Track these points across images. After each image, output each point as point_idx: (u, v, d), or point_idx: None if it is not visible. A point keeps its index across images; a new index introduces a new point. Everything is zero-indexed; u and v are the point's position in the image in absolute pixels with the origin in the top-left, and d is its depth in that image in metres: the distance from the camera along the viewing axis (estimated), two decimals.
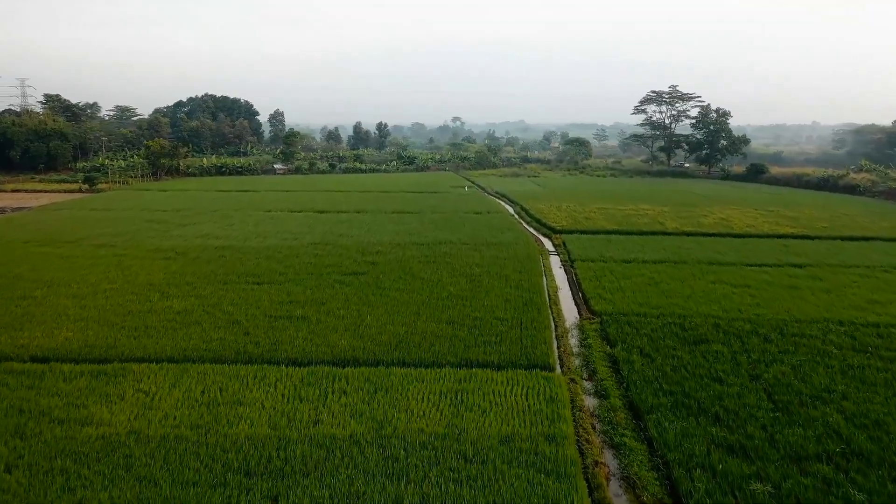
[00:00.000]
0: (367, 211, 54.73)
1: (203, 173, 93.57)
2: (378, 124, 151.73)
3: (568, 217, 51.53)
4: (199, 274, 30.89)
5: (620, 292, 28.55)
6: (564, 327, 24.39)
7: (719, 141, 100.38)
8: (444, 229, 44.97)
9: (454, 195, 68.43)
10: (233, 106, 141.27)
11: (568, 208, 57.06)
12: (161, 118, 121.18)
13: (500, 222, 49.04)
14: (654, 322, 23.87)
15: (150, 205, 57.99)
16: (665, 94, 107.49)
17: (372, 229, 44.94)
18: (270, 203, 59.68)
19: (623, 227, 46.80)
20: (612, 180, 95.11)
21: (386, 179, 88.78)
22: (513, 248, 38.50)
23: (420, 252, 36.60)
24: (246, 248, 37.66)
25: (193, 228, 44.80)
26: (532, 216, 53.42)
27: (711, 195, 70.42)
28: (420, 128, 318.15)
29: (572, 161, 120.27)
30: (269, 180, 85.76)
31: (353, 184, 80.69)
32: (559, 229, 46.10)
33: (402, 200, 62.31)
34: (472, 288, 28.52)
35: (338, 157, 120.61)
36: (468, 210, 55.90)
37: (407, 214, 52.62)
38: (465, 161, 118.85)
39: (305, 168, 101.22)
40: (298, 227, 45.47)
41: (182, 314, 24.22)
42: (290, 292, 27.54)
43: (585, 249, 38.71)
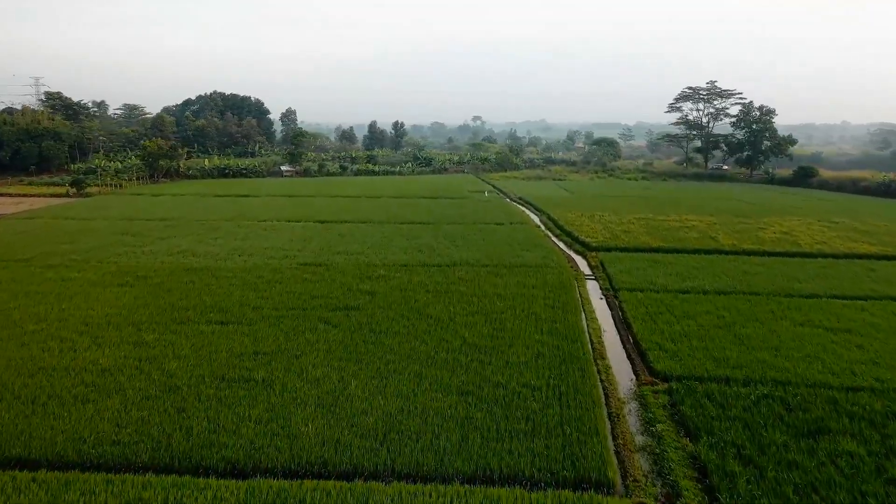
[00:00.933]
0: (373, 221, 48.86)
1: (204, 175, 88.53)
2: (394, 123, 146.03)
3: (603, 230, 45.15)
4: (155, 308, 25.17)
5: (685, 339, 22.25)
6: (619, 398, 18.14)
7: (762, 141, 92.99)
8: (461, 245, 38.92)
9: (473, 202, 62.34)
10: (242, 104, 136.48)
11: (602, 218, 50.67)
12: (166, 116, 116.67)
13: (525, 236, 42.83)
14: (743, 394, 17.55)
15: (134, 212, 52.70)
16: (702, 90, 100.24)
17: (376, 245, 39.05)
18: (268, 211, 54.11)
19: (670, 243, 40.33)
20: (646, 184, 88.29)
21: (399, 183, 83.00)
22: (542, 271, 32.30)
23: (430, 277, 30.57)
24: (223, 270, 31.93)
25: (170, 243, 39.26)
26: (562, 228, 47.11)
27: (762, 203, 63.47)
28: (440, 127, 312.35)
29: (600, 163, 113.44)
30: (273, 184, 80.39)
31: (363, 188, 74.97)
32: (595, 245, 39.77)
33: (414, 208, 56.37)
34: (492, 333, 22.42)
35: (350, 157, 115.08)
36: (488, 220, 49.78)
37: (418, 226, 46.66)
38: (486, 163, 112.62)
39: (314, 170, 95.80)
40: (291, 242, 39.72)
41: (106, 374, 18.43)
42: (259, 338, 21.67)
43: (629, 273, 32.41)
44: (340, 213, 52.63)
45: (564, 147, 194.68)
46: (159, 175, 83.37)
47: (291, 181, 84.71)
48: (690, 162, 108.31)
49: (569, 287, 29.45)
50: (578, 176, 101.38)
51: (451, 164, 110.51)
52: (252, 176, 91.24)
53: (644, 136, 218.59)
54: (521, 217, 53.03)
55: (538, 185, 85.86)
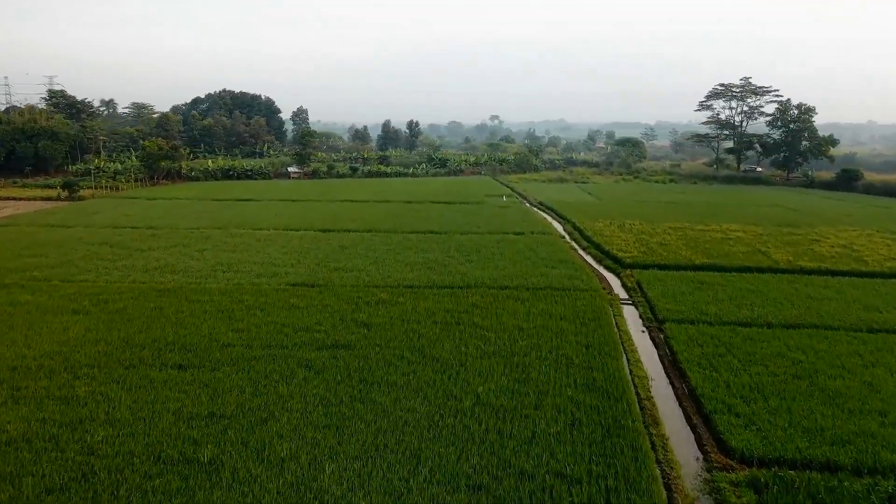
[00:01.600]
0: (380, 230, 44.55)
1: (208, 177, 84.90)
2: (409, 122, 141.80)
3: (636, 242, 40.44)
4: (105, 344, 20.99)
5: (760, 397, 17.59)
6: (685, 495, 13.53)
7: (800, 142, 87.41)
8: (475, 261, 34.46)
9: (490, 207, 57.81)
10: (252, 103, 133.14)
11: (633, 228, 45.92)
12: (171, 115, 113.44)
13: (548, 250, 38.24)
14: (861, 495, 12.87)
15: (121, 219, 48.86)
16: (735, 87, 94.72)
17: (381, 259, 34.73)
18: (266, 217, 50.02)
19: (715, 258, 35.53)
20: (676, 188, 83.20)
21: (412, 185, 78.69)
22: (570, 295, 27.72)
23: (439, 302, 26.14)
24: (199, 291, 27.75)
25: (150, 256, 35.23)
26: (589, 240, 42.45)
27: (809, 210, 58.28)
28: (457, 126, 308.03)
29: (624, 164, 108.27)
30: (278, 186, 76.45)
31: (373, 191, 70.75)
32: (629, 262, 35.09)
33: (426, 215, 51.99)
34: (513, 385, 17.93)
35: (362, 158, 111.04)
36: (507, 229, 45.25)
37: (430, 236, 42.27)
38: (503, 164, 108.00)
39: (323, 171, 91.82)
40: (286, 256, 35.52)
41: (8, 449, 14.21)
42: (220, 391, 17.38)
43: (673, 299, 27.74)
44: (345, 221, 48.40)
45: (585, 147, 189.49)
46: (159, 177, 79.85)
47: (298, 183, 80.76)
48: (721, 163, 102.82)
49: (603, 317, 24.86)
50: (602, 178, 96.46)
51: (468, 166, 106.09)
52: (258, 178, 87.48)
53: (668, 136, 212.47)
54: (543, 226, 48.42)
55: (560, 188, 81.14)
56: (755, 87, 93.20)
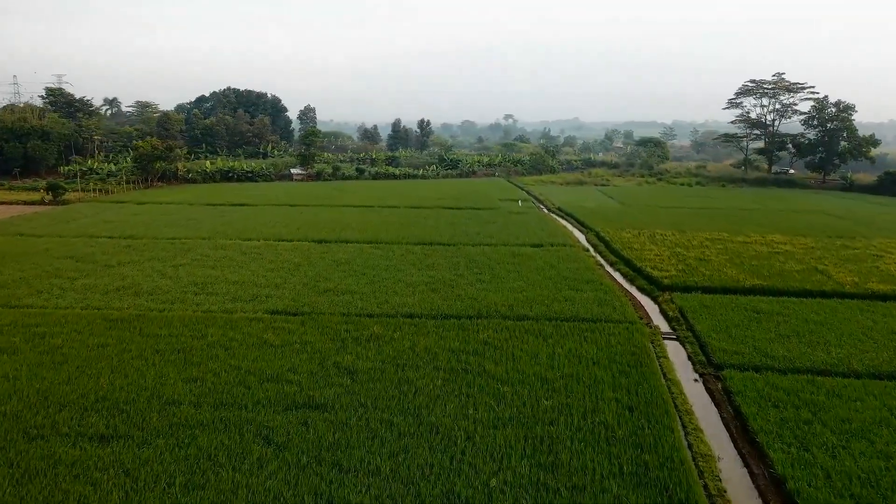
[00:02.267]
0: (382, 242, 40.15)
1: (206, 179, 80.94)
2: (420, 121, 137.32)
3: (672, 256, 35.71)
4: (17, 399, 16.70)
5: (877, 497, 12.90)
6: None
7: (839, 142, 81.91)
8: (488, 281, 29.93)
9: (504, 214, 53.20)
10: (258, 101, 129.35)
11: (666, 239, 41.17)
12: (172, 114, 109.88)
13: (572, 266, 33.60)
14: None
15: (99, 227, 44.78)
16: (767, 83, 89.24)
17: (379, 279, 30.31)
18: (259, 226, 45.78)
19: (767, 279, 30.71)
20: (703, 191, 78.10)
21: (421, 189, 74.22)
22: (603, 329, 23.10)
23: (442, 339, 21.66)
24: (160, 321, 23.43)
25: (116, 273, 31.02)
26: (617, 254, 37.77)
27: (858, 218, 53.14)
28: (470, 125, 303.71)
29: (646, 165, 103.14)
30: (279, 189, 72.26)
31: (379, 195, 66.38)
32: (667, 283, 30.35)
33: (434, 223, 47.49)
34: (537, 476, 13.39)
35: (370, 159, 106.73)
36: (523, 240, 40.67)
37: (437, 248, 37.81)
38: (518, 165, 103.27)
39: (328, 173, 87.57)
40: (271, 273, 31.20)
41: None
42: (139, 484, 12.99)
43: (727, 333, 23.07)
44: (344, 230, 44.02)
45: (602, 147, 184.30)
46: (154, 179, 75.97)
47: (300, 186, 76.56)
48: (750, 165, 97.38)
49: (646, 361, 20.21)
50: (622, 181, 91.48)
51: (481, 167, 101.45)
52: (259, 180, 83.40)
53: (688, 136, 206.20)
54: (564, 235, 43.74)
55: (579, 191, 76.33)
56: (789, 84, 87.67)
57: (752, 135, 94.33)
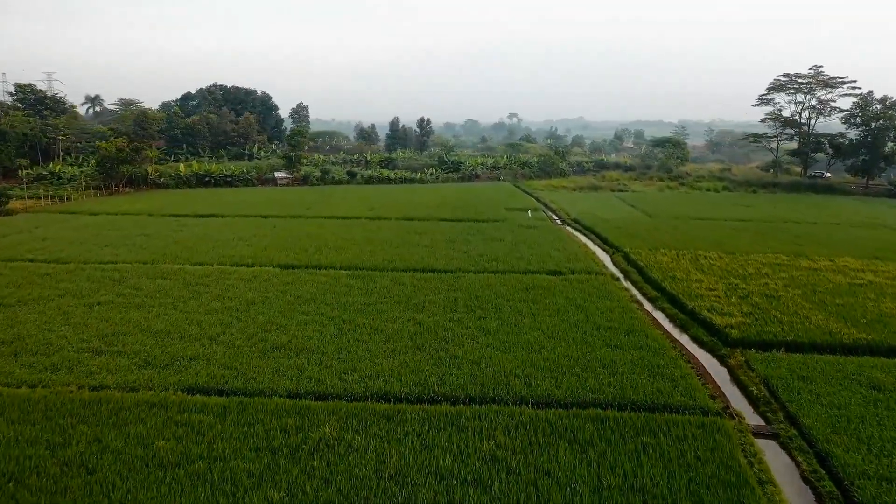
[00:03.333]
0: (363, 268, 32.85)
1: (179, 184, 73.68)
2: (419, 120, 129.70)
3: (729, 290, 28.30)
4: None
5: None
6: None
7: (885, 143, 74.29)
8: (494, 331, 22.60)
9: (512, 227, 45.80)
10: (246, 99, 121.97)
11: (712, 263, 33.77)
12: (150, 111, 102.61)
13: (602, 306, 26.18)
14: None
15: (26, 246, 37.46)
16: (802, 77, 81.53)
17: (348, 328, 23.06)
18: (219, 244, 38.53)
19: (867, 328, 23.30)
20: (735, 198, 70.49)
21: (418, 195, 66.83)
22: (667, 429, 15.68)
23: (428, 452, 14.34)
24: (20, 407, 16.10)
25: (4, 318, 23.74)
26: (656, 284, 30.38)
27: None
28: (473, 125, 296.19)
29: (664, 167, 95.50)
30: (257, 196, 64.91)
31: (369, 202, 59.03)
32: (735, 335, 22.84)
33: (429, 241, 40.14)
34: None
35: (364, 160, 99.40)
36: (537, 266, 33.31)
37: (430, 277, 30.50)
38: (526, 167, 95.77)
39: (316, 177, 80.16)
40: (211, 317, 23.97)
41: None
42: None
43: (855, 436, 15.73)
44: (319, 251, 36.74)
45: (613, 147, 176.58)
46: (120, 184, 68.73)
47: (283, 192, 69.20)
48: (779, 167, 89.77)
49: (746, 491, 12.77)
50: (641, 185, 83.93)
51: (484, 170, 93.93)
52: (239, 185, 76.12)
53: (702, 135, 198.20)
54: (586, 258, 36.33)
55: (595, 198, 68.82)
56: (827, 78, 79.93)
57: (784, 134, 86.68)
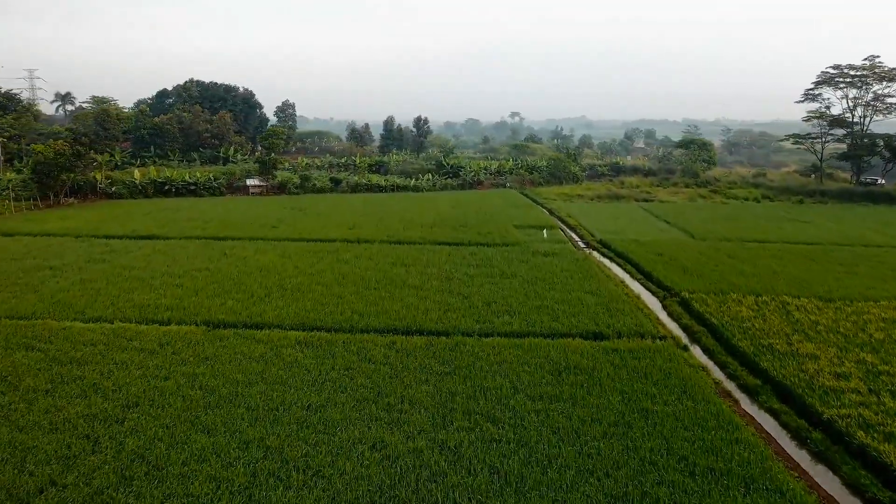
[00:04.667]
0: (321, 328, 23.30)
1: (135, 193, 64.03)
2: (416, 120, 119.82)
3: (867, 374, 18.76)
4: None
5: None
6: None
7: None
8: (516, 471, 12.89)
9: (524, 256, 36.19)
10: (226, 96, 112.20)
11: (813, 321, 24.17)
12: (115, 109, 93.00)
13: (681, 414, 16.55)
14: None
15: None
16: (855, 69, 71.75)
17: (263, 468, 13.37)
18: (139, 286, 29.01)
19: None
20: (788, 211, 60.73)
21: (411, 207, 57.19)
22: None
23: None
24: None
25: None
26: (744, 357, 20.74)
27: None
28: (474, 124, 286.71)
29: (689, 172, 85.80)
30: (217, 209, 55.24)
31: (351, 219, 49.42)
32: None
33: (418, 280, 30.55)
34: None
35: (353, 164, 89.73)
36: (567, 323, 23.76)
37: (416, 343, 20.95)
38: (534, 172, 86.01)
39: (295, 184, 70.38)
40: (48, 448, 14.32)
41: None
42: None
43: None
44: (269, 297, 27.19)
45: (623, 148, 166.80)
46: (62, 193, 59.13)
47: (253, 203, 59.50)
48: (819, 173, 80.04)
49: None
50: (667, 193, 74.16)
51: (487, 175, 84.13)
52: (204, 193, 66.45)
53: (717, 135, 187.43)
54: (630, 304, 26.69)
55: (618, 210, 59.14)
56: (885, 70, 70.11)
57: (830, 135, 76.95)
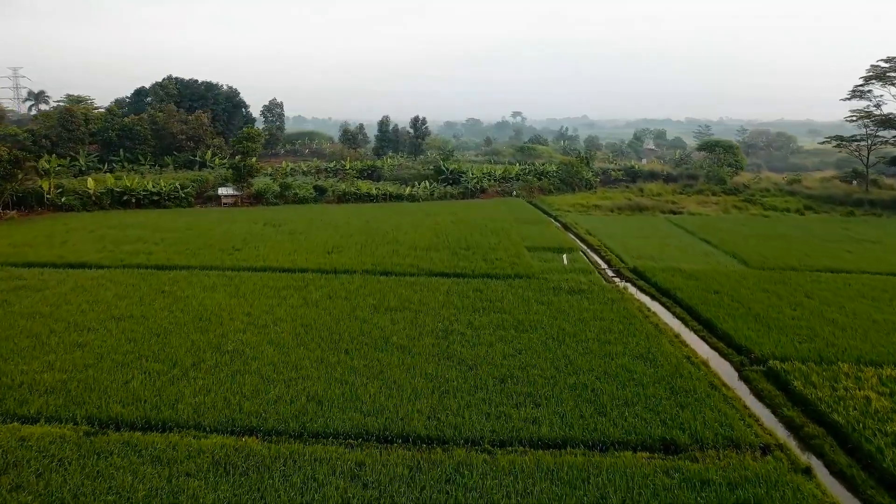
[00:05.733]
0: (257, 431, 15.42)
1: (88, 204, 56.23)
2: (413, 120, 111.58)
3: None
4: None
5: None
6: None
7: None
8: None
9: (543, 296, 28.37)
10: (207, 94, 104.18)
11: None
12: (79, 109, 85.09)
13: None
14: None
15: None
16: None
17: None
18: (29, 351, 21.31)
19: None
20: (835, 224, 52.90)
21: (403, 225, 49.37)
22: None
23: None
24: None
25: None
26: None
27: None
28: (475, 124, 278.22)
29: (714, 178, 77.92)
30: (175, 225, 47.35)
31: (332, 238, 41.63)
32: None
33: (404, 337, 22.77)
34: None
35: (341, 169, 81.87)
36: (621, 423, 16.03)
37: (392, 465, 12.93)
38: (544, 178, 78.09)
39: (274, 193, 62.41)
40: None
41: None
42: None
43: None
44: (189, 373, 19.52)
45: (633, 150, 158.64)
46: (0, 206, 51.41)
47: (220, 217, 51.64)
48: (861, 179, 72.16)
49: None
50: (695, 203, 66.26)
51: (492, 182, 76.09)
52: (170, 205, 58.60)
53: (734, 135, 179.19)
54: (701, 382, 18.90)
55: (646, 226, 51.29)
56: None
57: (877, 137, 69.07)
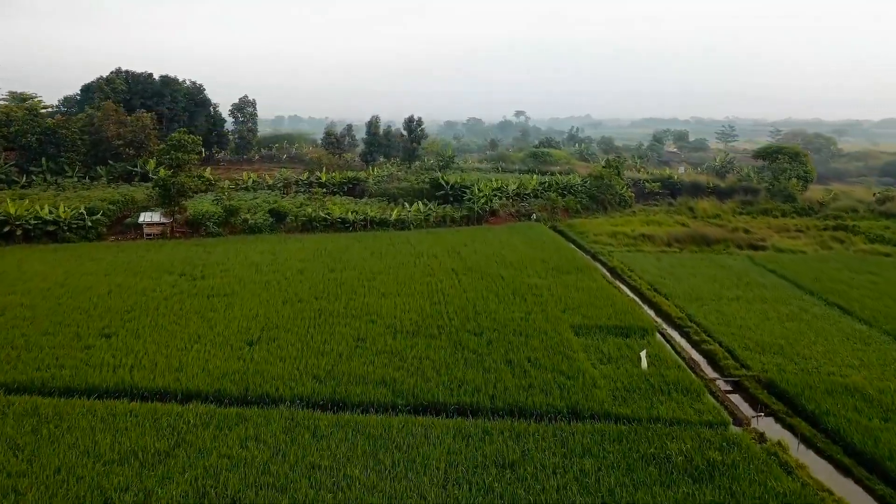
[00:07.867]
0: None
1: None
2: (407, 120, 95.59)
3: None
4: None
5: None
6: None
7: None
8: None
9: (630, 469, 13.26)
10: (163, 90, 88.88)
11: None
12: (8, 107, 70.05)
13: None
14: None
15: None
16: None
17: None
18: None
19: None
20: None
21: (381, 273, 34.23)
22: None
23: None
24: None
25: None
26: None
27: None
28: (477, 123, 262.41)
29: (782, 194, 62.82)
30: (34, 280, 32.23)
31: (262, 310, 26.62)
32: None
33: None
34: None
35: (316, 181, 66.69)
36: None
37: None
38: (569, 194, 62.80)
39: (216, 220, 47.21)
40: None
41: None
42: None
43: None
44: None
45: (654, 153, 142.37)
46: None
47: (125, 260, 36.52)
48: None
49: None
50: (771, 232, 51.05)
51: (503, 199, 60.56)
52: (72, 237, 43.58)
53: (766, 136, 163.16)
54: None
55: (729, 274, 36.14)
56: None
57: None
